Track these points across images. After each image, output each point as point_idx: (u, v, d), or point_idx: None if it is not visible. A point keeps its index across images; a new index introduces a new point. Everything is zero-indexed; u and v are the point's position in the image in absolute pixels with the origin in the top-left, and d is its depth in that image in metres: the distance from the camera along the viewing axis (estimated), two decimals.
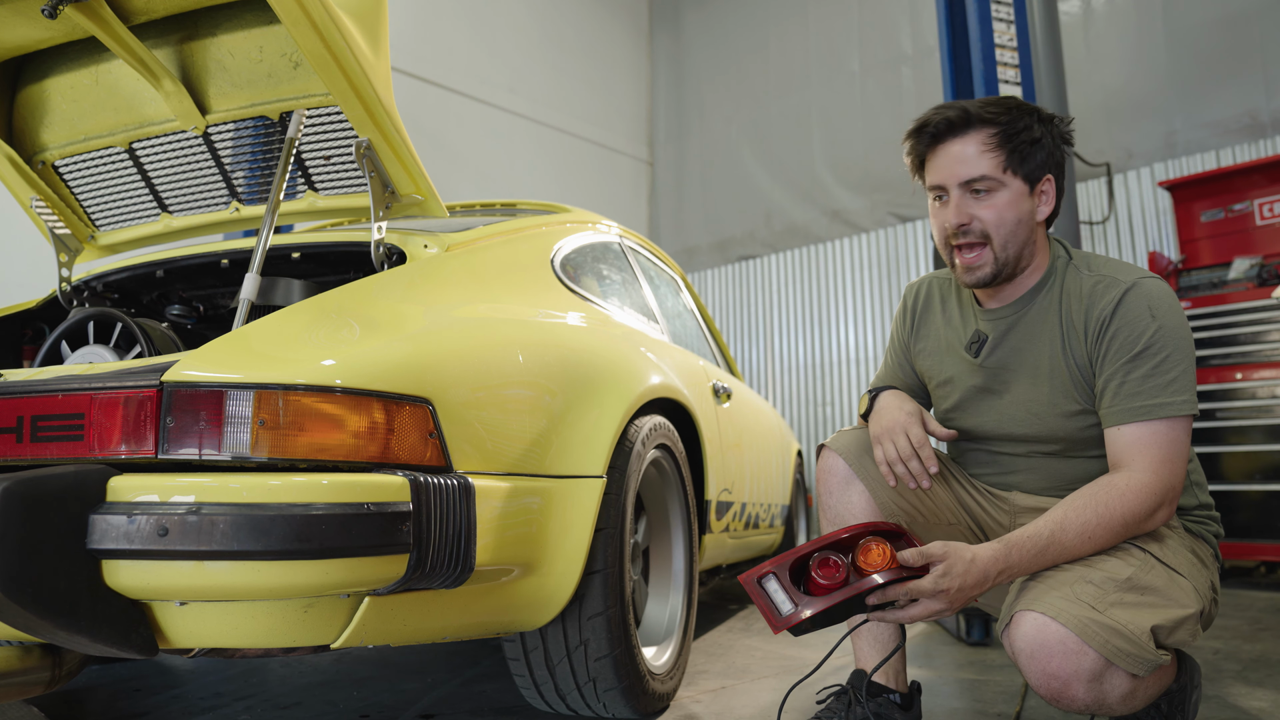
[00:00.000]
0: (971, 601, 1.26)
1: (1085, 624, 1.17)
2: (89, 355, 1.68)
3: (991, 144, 1.41)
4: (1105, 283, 1.41)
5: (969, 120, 1.43)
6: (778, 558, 1.25)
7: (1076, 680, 1.17)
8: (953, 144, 1.44)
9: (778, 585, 1.24)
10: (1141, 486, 1.30)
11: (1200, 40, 5.47)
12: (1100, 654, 1.16)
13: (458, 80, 6.73)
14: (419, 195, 1.72)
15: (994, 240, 1.42)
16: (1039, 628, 1.19)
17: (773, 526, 3.49)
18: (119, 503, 1.09)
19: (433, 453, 1.29)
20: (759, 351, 7.59)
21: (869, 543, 1.24)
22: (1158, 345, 1.34)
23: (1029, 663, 1.20)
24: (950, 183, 1.44)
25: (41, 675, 1.43)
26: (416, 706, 1.92)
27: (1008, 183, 1.42)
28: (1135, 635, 1.17)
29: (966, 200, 1.43)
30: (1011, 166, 1.42)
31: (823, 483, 1.57)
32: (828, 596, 1.21)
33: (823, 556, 1.24)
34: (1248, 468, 4.00)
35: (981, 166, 1.41)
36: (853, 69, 7.25)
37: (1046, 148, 1.44)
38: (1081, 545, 1.28)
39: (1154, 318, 1.35)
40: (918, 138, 1.48)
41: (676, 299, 3.04)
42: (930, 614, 1.22)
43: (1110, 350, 1.38)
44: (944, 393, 1.62)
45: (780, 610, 1.22)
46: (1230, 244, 4.53)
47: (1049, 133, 1.45)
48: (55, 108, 1.86)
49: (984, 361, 1.53)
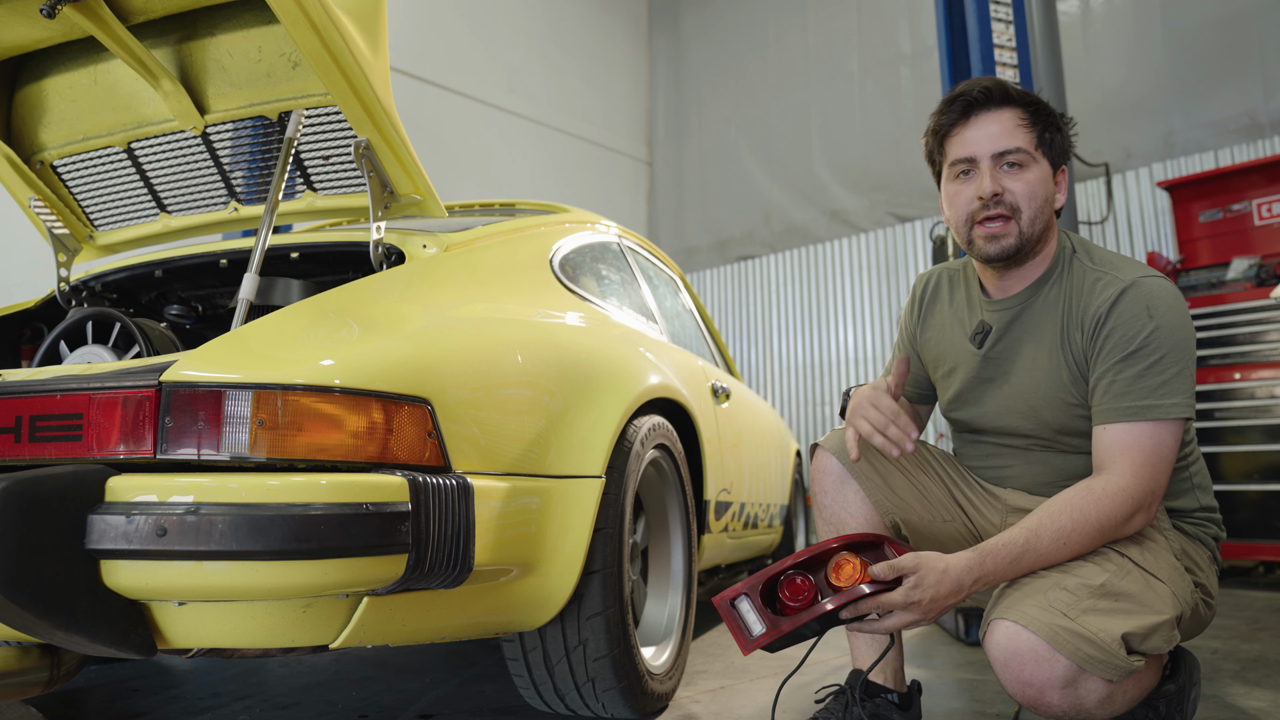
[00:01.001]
0: (950, 610, 1.26)
1: (1056, 631, 1.17)
2: (87, 355, 1.67)
3: (1025, 121, 1.44)
4: (1105, 279, 1.41)
5: (1007, 95, 1.45)
6: (750, 579, 1.26)
7: (1050, 687, 1.18)
8: (989, 115, 1.45)
9: (749, 606, 1.24)
10: (1119, 490, 1.29)
11: (1199, 40, 5.47)
12: (1071, 661, 1.16)
13: (457, 80, 6.73)
14: (418, 195, 1.71)
15: (1023, 214, 1.42)
16: (1010, 636, 1.20)
17: (771, 527, 3.49)
18: (117, 503, 1.09)
19: (431, 453, 1.29)
20: (758, 351, 7.60)
21: (841, 559, 1.24)
22: (1152, 346, 1.33)
23: (1003, 671, 1.21)
24: (983, 153, 1.44)
25: (40, 675, 1.43)
26: (415, 706, 1.92)
27: (1039, 160, 1.44)
28: (1105, 642, 1.17)
29: (999, 172, 1.44)
30: (1042, 147, 1.44)
31: (817, 482, 1.57)
32: (796, 617, 1.22)
33: (790, 577, 1.24)
34: (1246, 468, 4.00)
35: (1018, 139, 1.43)
36: (851, 69, 7.25)
37: (1062, 141, 1.48)
38: (1057, 551, 1.27)
39: (1151, 318, 1.34)
40: (950, 108, 1.48)
41: (675, 299, 3.04)
42: (905, 624, 1.23)
43: (1104, 348, 1.37)
44: (947, 383, 1.62)
45: (751, 631, 1.24)
46: (1229, 244, 4.54)
47: (1063, 128, 1.49)
48: (54, 107, 1.86)
49: (987, 352, 1.53)
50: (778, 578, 1.25)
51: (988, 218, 1.43)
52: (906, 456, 1.55)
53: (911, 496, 1.53)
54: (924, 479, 1.56)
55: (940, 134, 1.50)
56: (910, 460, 1.56)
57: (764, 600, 1.25)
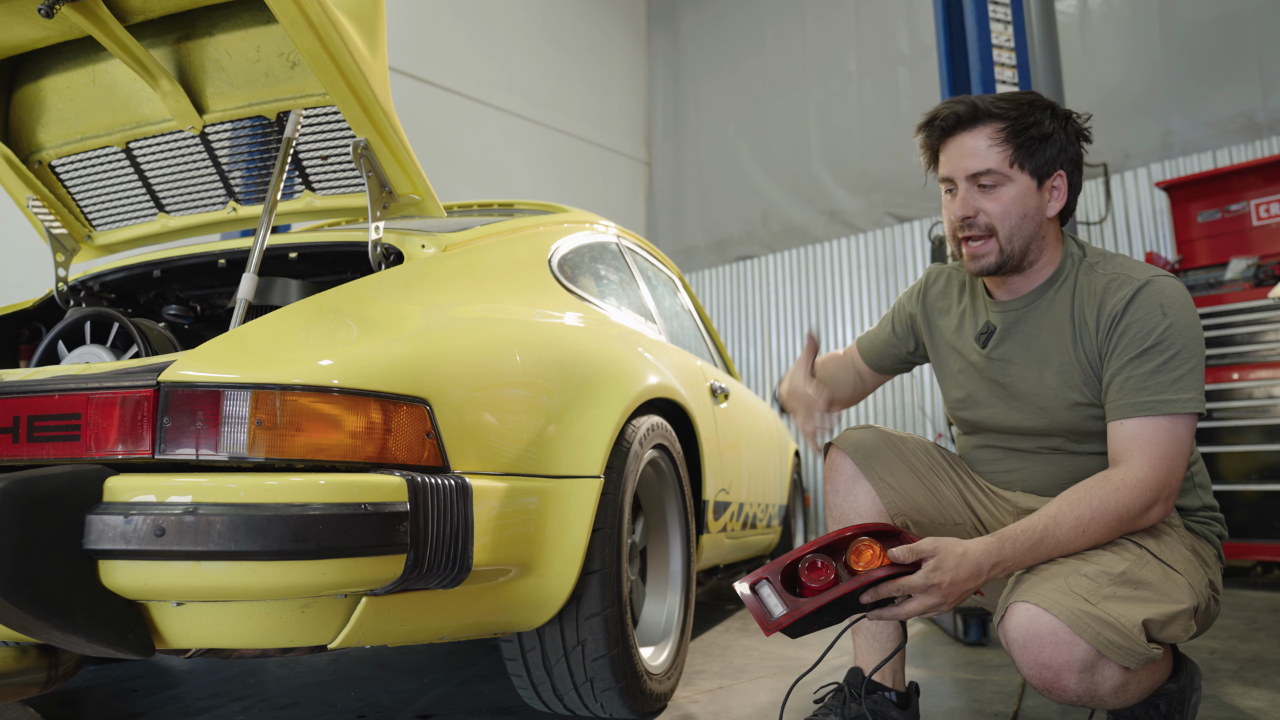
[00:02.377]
0: (969, 595, 1.27)
1: (1077, 615, 1.18)
2: (86, 355, 1.67)
3: (999, 138, 1.42)
4: (1119, 280, 1.42)
5: (976, 114, 1.44)
6: (771, 564, 1.27)
7: (1068, 670, 1.18)
8: (961, 137, 1.45)
9: (771, 590, 1.26)
10: (1137, 481, 1.30)
11: (1196, 40, 5.48)
12: (1091, 645, 1.17)
13: (455, 80, 6.73)
14: (416, 195, 1.71)
15: (999, 233, 1.43)
16: (1031, 618, 1.20)
17: (770, 527, 3.49)
18: (116, 503, 1.08)
19: (430, 453, 1.29)
20: (756, 351, 7.60)
21: (860, 544, 1.26)
22: (1167, 342, 1.34)
23: (1021, 653, 1.22)
24: (957, 175, 1.45)
25: (38, 676, 1.43)
26: (414, 707, 1.92)
27: (1014, 177, 1.43)
28: (1126, 628, 1.18)
29: (973, 193, 1.44)
30: (1019, 161, 1.42)
31: (829, 481, 1.57)
32: (817, 597, 1.23)
33: (811, 560, 1.25)
34: (1244, 468, 4.01)
35: (988, 160, 1.42)
36: (850, 69, 7.25)
37: (1059, 144, 1.44)
38: (1075, 539, 1.28)
39: (1165, 315, 1.36)
40: (928, 131, 1.50)
41: (674, 299, 3.04)
42: (926, 609, 1.23)
43: (1120, 345, 1.38)
44: (954, 382, 1.63)
45: (772, 613, 1.24)
46: (1227, 244, 4.54)
47: (1062, 129, 1.45)
48: (52, 107, 1.86)
49: (991, 353, 1.54)
50: (798, 563, 1.26)
51: (967, 237, 1.46)
52: (919, 460, 1.57)
53: (923, 498, 1.53)
54: (936, 481, 1.56)
55: (929, 150, 1.52)
56: (922, 462, 1.57)
57: (784, 585, 1.26)
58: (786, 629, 1.23)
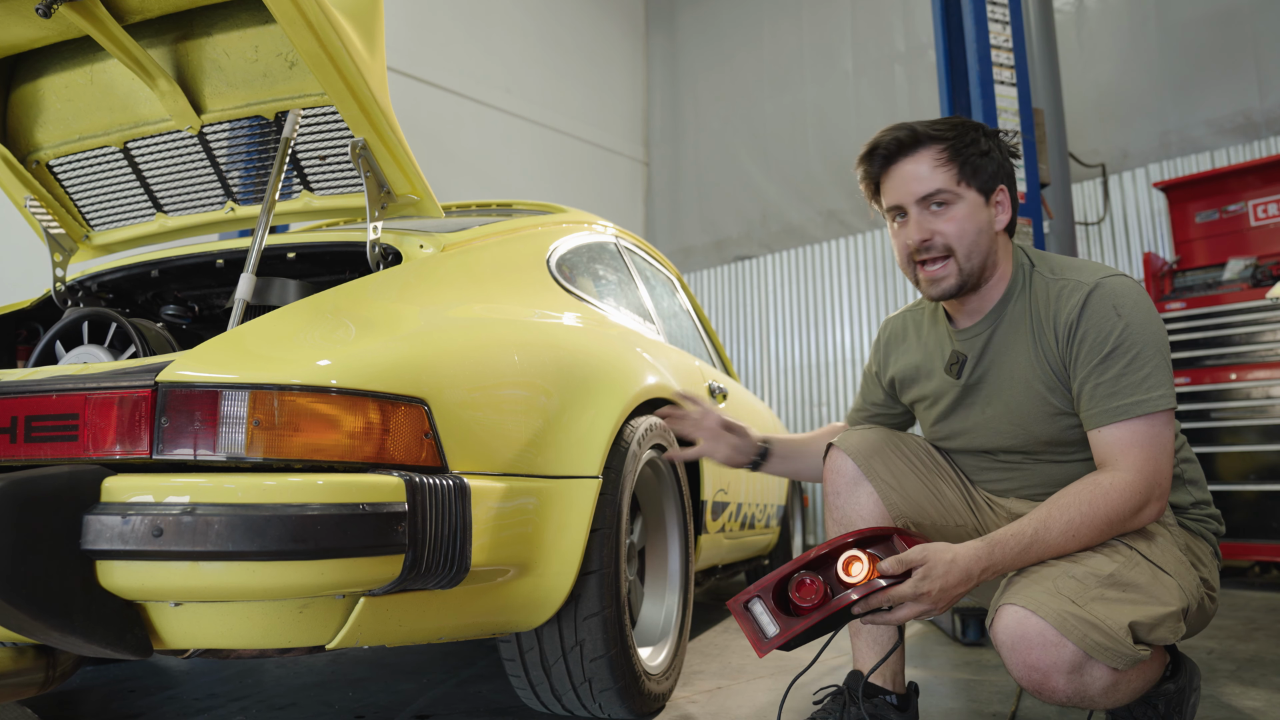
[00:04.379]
0: (962, 598, 1.27)
1: (1064, 617, 1.19)
2: (84, 355, 1.67)
3: (943, 159, 1.44)
4: (1070, 286, 1.43)
5: (917, 139, 1.46)
6: (762, 581, 1.28)
7: (1056, 672, 1.19)
8: (905, 164, 1.46)
9: (763, 608, 1.27)
10: (1126, 485, 1.31)
11: (1193, 38, 5.48)
12: (1078, 647, 1.18)
13: (454, 80, 6.73)
14: (415, 195, 1.71)
15: (957, 252, 1.45)
16: (1019, 620, 1.21)
17: (769, 527, 3.49)
18: (113, 503, 1.08)
19: (428, 453, 1.29)
20: (755, 352, 7.59)
21: (850, 557, 1.26)
22: (1127, 343, 1.35)
23: (1010, 654, 1.23)
24: (908, 201, 1.46)
25: (36, 676, 1.43)
26: (412, 707, 1.92)
27: (964, 195, 1.45)
28: (1113, 630, 1.19)
29: (925, 216, 1.45)
30: (965, 179, 1.45)
31: (830, 483, 1.57)
32: (808, 617, 1.24)
33: (799, 578, 1.26)
34: (1242, 468, 4.01)
35: (936, 181, 1.44)
36: (846, 68, 7.25)
37: (996, 160, 1.48)
38: (1065, 543, 1.29)
39: (1120, 316, 1.36)
40: (870, 161, 1.51)
41: (672, 299, 3.04)
42: (918, 615, 1.25)
43: (1081, 353, 1.39)
44: (929, 414, 1.64)
45: (765, 633, 1.26)
46: (1225, 245, 4.55)
47: (996, 146, 1.49)
48: (50, 107, 1.85)
49: (966, 380, 1.55)
50: (788, 578, 1.27)
51: (923, 261, 1.47)
52: (921, 461, 1.57)
53: (925, 500, 1.53)
54: (939, 482, 1.56)
55: (871, 182, 1.53)
56: (924, 463, 1.57)
57: (776, 601, 1.27)
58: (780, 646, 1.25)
